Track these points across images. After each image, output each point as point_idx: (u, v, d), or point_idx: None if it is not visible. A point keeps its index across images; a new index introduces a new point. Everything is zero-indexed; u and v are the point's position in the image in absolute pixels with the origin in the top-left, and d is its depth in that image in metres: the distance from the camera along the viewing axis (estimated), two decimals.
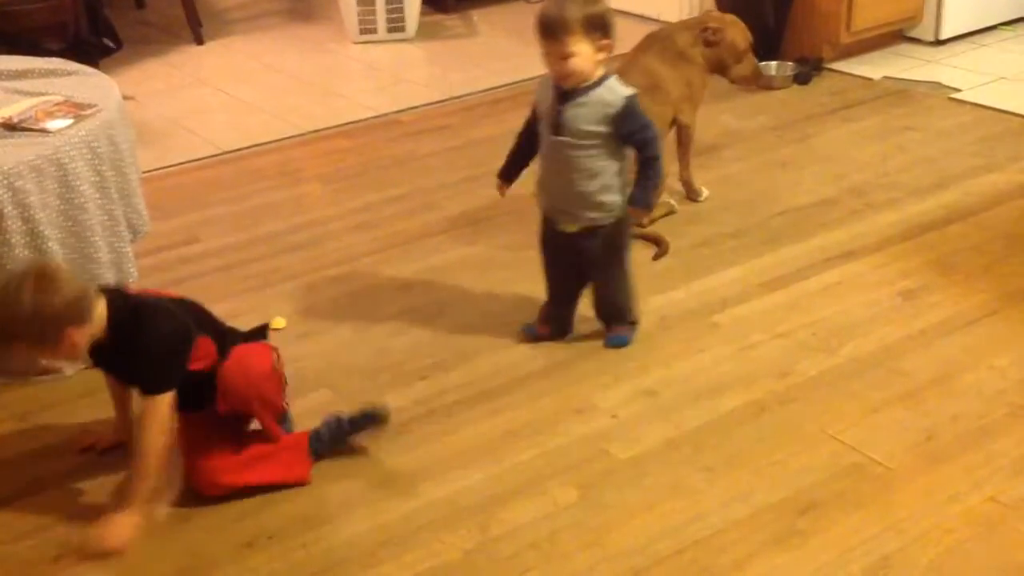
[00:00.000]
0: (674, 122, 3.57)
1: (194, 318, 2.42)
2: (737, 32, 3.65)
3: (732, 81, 3.75)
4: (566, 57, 2.57)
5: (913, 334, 2.94)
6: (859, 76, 4.90)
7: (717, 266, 3.29)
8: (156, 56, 5.55)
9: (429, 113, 4.75)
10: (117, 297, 2.35)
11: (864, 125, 4.39)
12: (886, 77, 4.87)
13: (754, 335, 2.96)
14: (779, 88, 4.79)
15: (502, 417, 2.68)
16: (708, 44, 3.57)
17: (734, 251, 3.39)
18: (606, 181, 2.70)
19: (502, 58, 5.39)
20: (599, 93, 2.63)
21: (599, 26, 2.56)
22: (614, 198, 2.72)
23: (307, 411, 2.71)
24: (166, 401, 2.29)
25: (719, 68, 3.67)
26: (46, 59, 3.46)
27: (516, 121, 4.52)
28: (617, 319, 2.92)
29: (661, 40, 3.58)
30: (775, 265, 3.31)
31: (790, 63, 4.89)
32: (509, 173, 2.93)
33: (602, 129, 2.63)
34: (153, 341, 2.31)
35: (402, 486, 2.46)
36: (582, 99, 2.62)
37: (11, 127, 2.87)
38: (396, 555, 2.25)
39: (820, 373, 2.79)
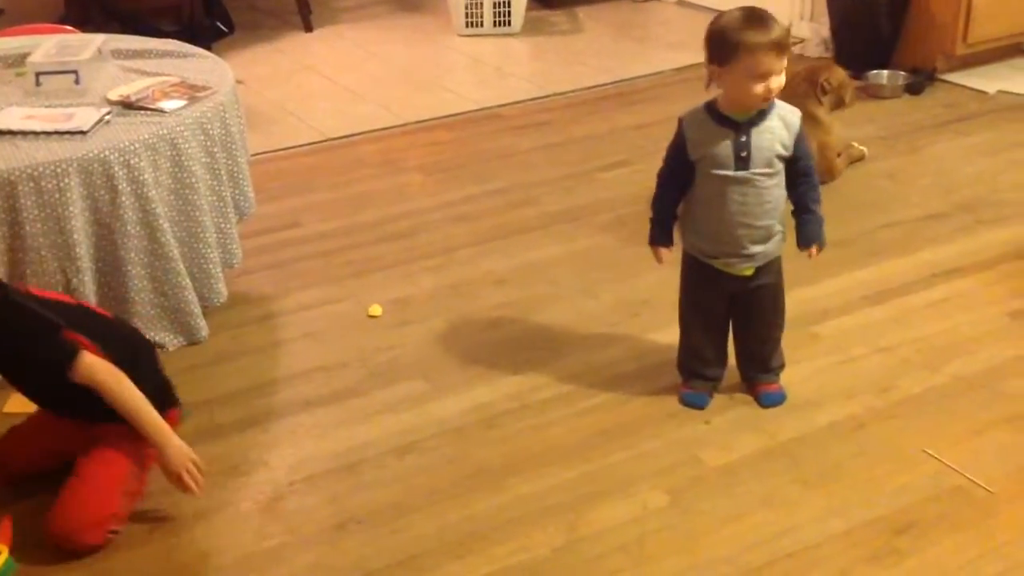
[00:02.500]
0: None
1: (67, 319, 2.27)
2: (839, 71, 3.91)
3: (851, 157, 4.01)
4: (780, 74, 2.37)
5: (1021, 355, 2.85)
6: (973, 89, 4.76)
7: (819, 276, 3.23)
8: (266, 41, 5.65)
9: (531, 108, 4.75)
10: None
11: (977, 139, 4.26)
12: (1001, 91, 4.73)
13: (855, 348, 2.90)
14: (890, 98, 4.69)
15: (594, 417, 2.67)
16: (824, 92, 3.82)
17: (837, 262, 3.31)
18: (780, 209, 2.52)
19: (606, 56, 5.37)
20: (778, 113, 2.45)
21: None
22: (782, 227, 2.55)
23: (400, 401, 2.74)
24: (87, 360, 2.20)
25: (837, 105, 3.89)
26: (163, 40, 3.54)
27: (619, 119, 4.57)
28: (769, 367, 2.69)
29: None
30: (879, 278, 3.24)
31: (902, 73, 4.78)
32: (666, 235, 2.58)
33: (785, 152, 2.45)
34: (17, 331, 2.21)
35: (491, 479, 2.46)
36: (765, 123, 2.43)
37: (128, 105, 2.95)
38: (484, 547, 2.26)
39: (923, 391, 2.72)
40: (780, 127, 2.45)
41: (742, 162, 2.43)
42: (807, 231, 2.55)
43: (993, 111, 4.54)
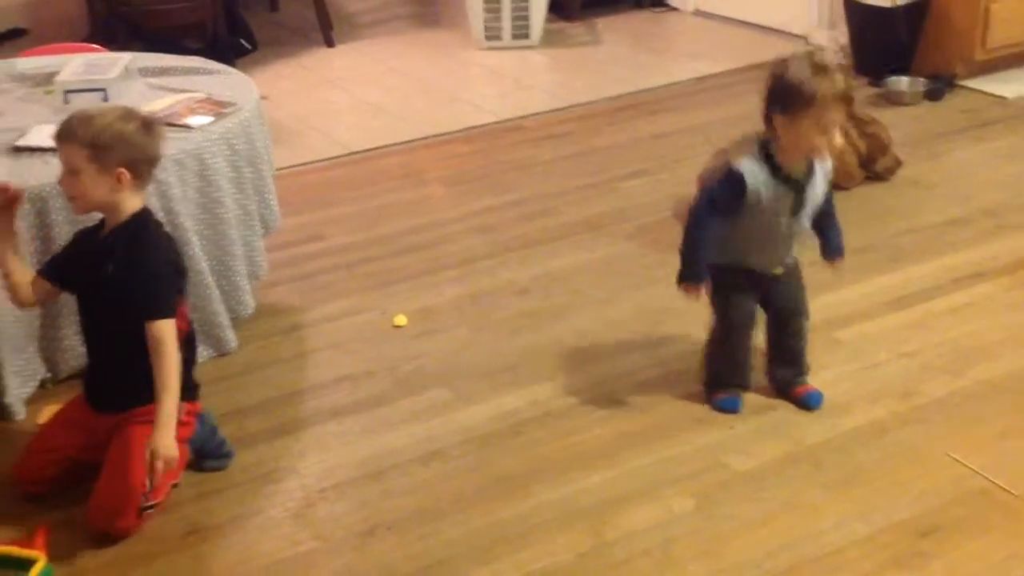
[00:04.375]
0: None
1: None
2: (883, 128, 3.97)
3: (878, 173, 3.95)
4: (840, 126, 2.42)
5: None
6: (993, 94, 4.76)
7: (841, 282, 3.21)
8: (288, 57, 5.71)
9: (551, 119, 4.78)
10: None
11: (997, 145, 4.27)
12: (1021, 96, 4.73)
13: (878, 354, 2.91)
14: (909, 104, 4.70)
15: (618, 423, 2.69)
16: (862, 134, 3.89)
17: (858, 267, 3.32)
18: None
19: (625, 66, 5.40)
20: (819, 165, 2.52)
21: None
22: None
23: (425, 409, 2.77)
24: (171, 326, 2.36)
25: (868, 158, 3.91)
26: (188, 57, 3.60)
27: (639, 129, 4.60)
28: (805, 366, 2.74)
29: None
30: (902, 283, 3.25)
31: (921, 79, 4.79)
32: (704, 272, 2.57)
33: (821, 201, 2.58)
34: (158, 260, 2.42)
35: (517, 486, 2.48)
36: (815, 179, 2.52)
37: None
38: (510, 553, 2.28)
39: (946, 395, 2.73)
40: (822, 181, 2.54)
41: (796, 213, 2.53)
42: (834, 244, 2.66)
43: (1013, 116, 4.54)
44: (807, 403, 2.70)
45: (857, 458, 2.52)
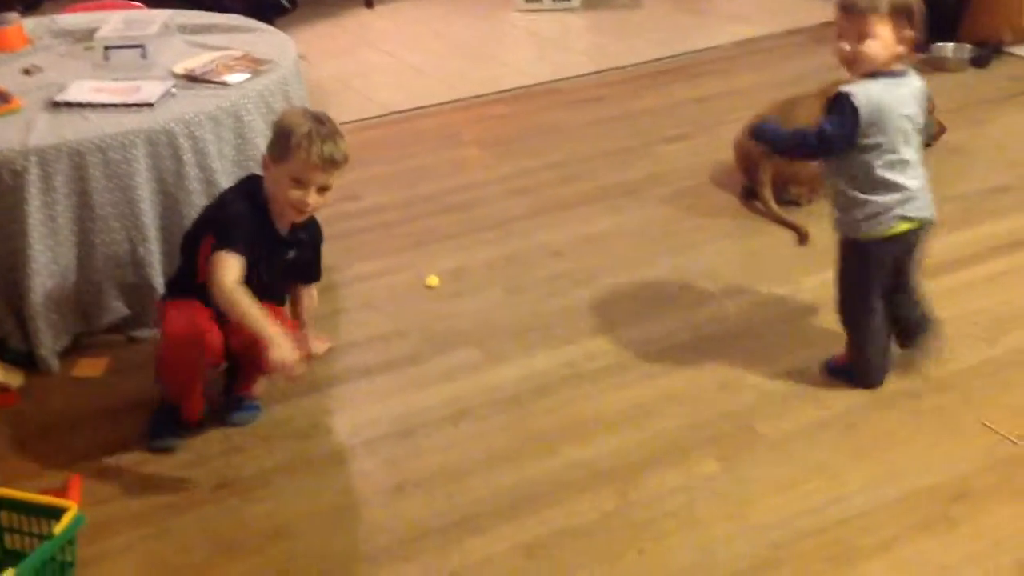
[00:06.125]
0: None
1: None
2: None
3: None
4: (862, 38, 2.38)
5: None
6: None
7: None
8: (328, 17, 5.71)
9: (589, 83, 4.75)
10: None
11: None
12: None
13: None
14: (954, 71, 4.61)
15: (647, 386, 2.69)
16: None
17: None
18: None
19: (665, 29, 5.35)
20: None
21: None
22: None
23: (456, 369, 2.79)
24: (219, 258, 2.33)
25: None
26: (228, 15, 3.61)
27: (678, 93, 4.56)
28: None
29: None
30: (939, 251, 3.16)
31: (967, 45, 4.70)
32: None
33: None
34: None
35: (545, 445, 2.49)
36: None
37: (193, 79, 3.02)
38: (535, 510, 2.30)
39: (980, 363, 2.70)
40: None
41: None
42: None
43: None
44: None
45: (888, 424, 2.50)
